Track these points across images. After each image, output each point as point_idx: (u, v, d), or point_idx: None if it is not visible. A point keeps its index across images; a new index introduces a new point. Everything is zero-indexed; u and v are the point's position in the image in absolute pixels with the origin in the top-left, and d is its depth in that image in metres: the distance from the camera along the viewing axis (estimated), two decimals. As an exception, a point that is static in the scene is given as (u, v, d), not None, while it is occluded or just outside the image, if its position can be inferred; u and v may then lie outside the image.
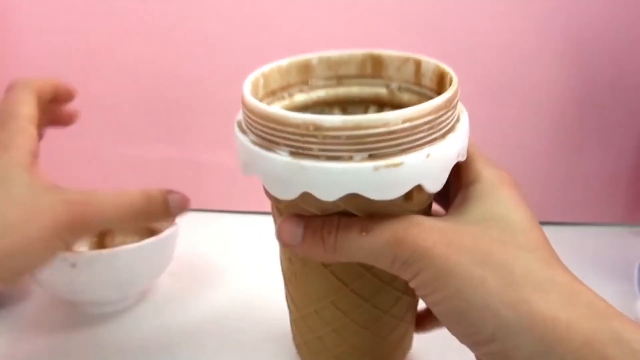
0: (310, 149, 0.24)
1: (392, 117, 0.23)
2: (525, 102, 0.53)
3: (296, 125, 0.24)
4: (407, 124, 0.23)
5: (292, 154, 0.24)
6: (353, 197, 0.24)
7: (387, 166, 0.23)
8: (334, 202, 0.25)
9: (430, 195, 0.27)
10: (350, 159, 0.24)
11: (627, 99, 0.53)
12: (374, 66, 0.33)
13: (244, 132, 0.27)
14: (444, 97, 0.25)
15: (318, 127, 0.23)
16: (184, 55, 0.53)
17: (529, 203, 0.26)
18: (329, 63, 0.33)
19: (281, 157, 0.24)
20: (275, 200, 0.28)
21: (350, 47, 0.33)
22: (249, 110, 0.26)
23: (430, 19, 0.51)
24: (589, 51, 0.51)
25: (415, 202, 0.26)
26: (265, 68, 0.30)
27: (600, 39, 0.51)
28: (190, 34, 0.53)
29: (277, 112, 0.24)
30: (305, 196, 0.25)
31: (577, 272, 0.46)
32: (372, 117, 0.23)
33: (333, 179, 0.24)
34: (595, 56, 0.51)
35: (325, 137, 0.23)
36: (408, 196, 0.25)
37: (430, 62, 0.30)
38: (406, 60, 0.31)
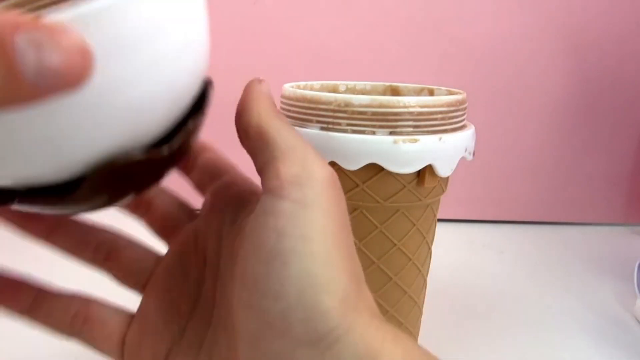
0: (339, 124, 0.28)
1: (411, 101, 0.27)
2: (526, 103, 0.55)
3: (328, 103, 0.28)
4: (424, 109, 0.27)
5: (323, 129, 0.28)
6: (371, 177, 0.28)
7: (405, 141, 0.27)
8: (353, 183, 0.28)
9: (440, 187, 0.30)
10: (373, 133, 0.27)
11: (627, 100, 0.55)
12: (393, 95, 0.37)
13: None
14: (456, 97, 0.29)
15: (348, 104, 0.27)
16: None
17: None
18: (354, 91, 0.37)
19: (312, 131, 0.28)
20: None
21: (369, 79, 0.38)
22: (287, 97, 0.30)
23: (431, 21, 0.54)
24: (589, 53, 0.54)
25: (427, 187, 0.29)
26: (300, 83, 0.35)
27: (600, 41, 0.54)
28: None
29: (312, 92, 0.29)
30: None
31: (577, 272, 0.48)
32: (394, 98, 0.27)
33: (357, 149, 0.27)
34: (595, 58, 0.54)
35: (353, 112, 0.27)
36: (420, 178, 0.28)
37: (442, 89, 0.35)
38: (421, 90, 0.36)
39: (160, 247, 0.25)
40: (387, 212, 0.29)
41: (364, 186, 0.28)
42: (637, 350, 0.36)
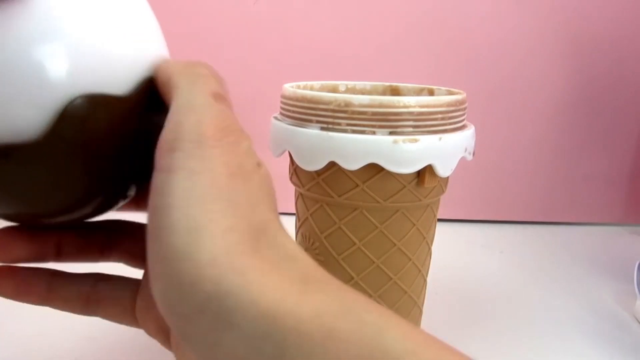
0: (339, 124, 0.28)
1: (411, 101, 0.27)
2: (526, 103, 0.56)
3: (328, 102, 0.28)
4: (424, 109, 0.27)
5: (323, 129, 0.28)
6: (371, 177, 0.28)
7: (405, 141, 0.27)
8: (353, 183, 0.28)
9: (440, 187, 0.31)
10: (373, 133, 0.27)
11: (626, 100, 0.55)
12: (393, 95, 0.37)
13: (279, 120, 0.31)
14: (455, 97, 0.29)
15: (348, 104, 0.27)
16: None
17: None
18: (354, 91, 0.37)
19: (313, 131, 0.28)
20: (299, 184, 0.31)
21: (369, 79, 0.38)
22: (287, 97, 0.30)
23: (431, 21, 0.54)
24: (588, 52, 0.54)
25: (427, 187, 0.29)
26: (300, 83, 0.35)
27: (599, 41, 0.54)
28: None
29: (312, 92, 0.29)
30: (329, 175, 0.28)
31: (577, 272, 0.48)
32: (394, 98, 0.27)
33: (357, 149, 0.27)
34: (595, 57, 0.54)
35: (353, 112, 0.27)
36: (420, 178, 0.28)
37: (442, 89, 0.35)
38: (421, 90, 0.36)
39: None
40: (387, 212, 0.29)
41: (364, 186, 0.28)
42: (637, 350, 0.36)
